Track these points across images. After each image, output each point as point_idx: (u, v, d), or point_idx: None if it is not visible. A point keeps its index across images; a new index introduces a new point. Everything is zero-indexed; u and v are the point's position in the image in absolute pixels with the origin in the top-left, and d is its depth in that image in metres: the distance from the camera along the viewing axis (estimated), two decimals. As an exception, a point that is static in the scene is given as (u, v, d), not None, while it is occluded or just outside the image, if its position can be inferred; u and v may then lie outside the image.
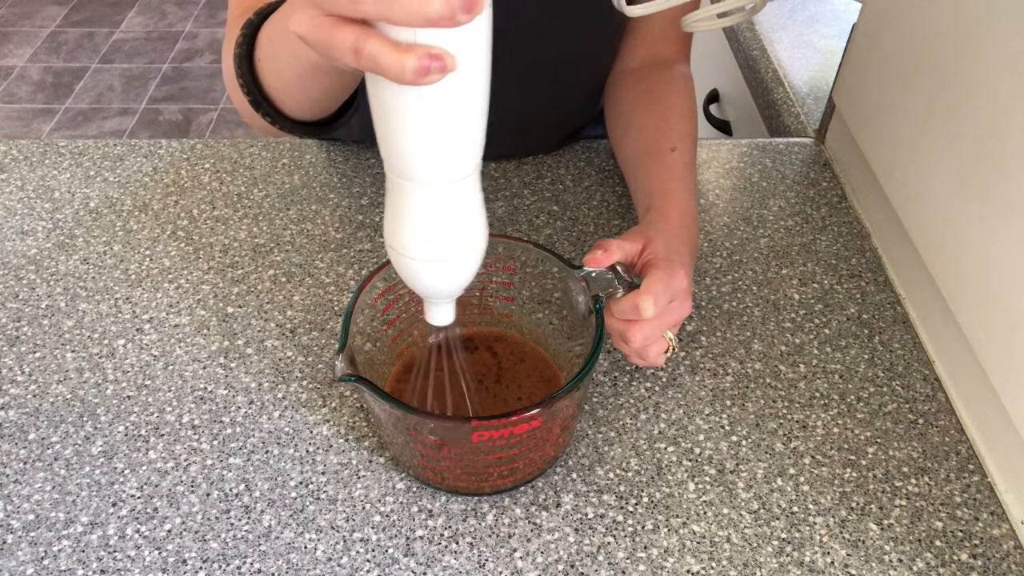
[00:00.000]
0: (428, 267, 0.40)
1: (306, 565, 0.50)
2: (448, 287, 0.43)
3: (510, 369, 0.58)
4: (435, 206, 0.38)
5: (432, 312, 0.45)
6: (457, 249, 0.40)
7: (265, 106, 0.53)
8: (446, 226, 0.39)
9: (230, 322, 0.64)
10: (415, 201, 0.38)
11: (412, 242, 0.39)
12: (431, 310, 0.45)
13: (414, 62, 0.31)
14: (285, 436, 0.56)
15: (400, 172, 0.37)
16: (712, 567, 0.50)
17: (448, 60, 0.31)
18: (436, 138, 0.35)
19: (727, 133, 1.15)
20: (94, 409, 0.58)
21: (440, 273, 0.41)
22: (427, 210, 0.38)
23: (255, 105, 0.53)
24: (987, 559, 0.51)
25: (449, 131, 0.35)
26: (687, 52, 0.75)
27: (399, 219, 0.39)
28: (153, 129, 2.38)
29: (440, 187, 0.37)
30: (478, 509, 0.53)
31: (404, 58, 0.31)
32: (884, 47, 0.70)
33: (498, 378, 0.58)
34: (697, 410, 0.58)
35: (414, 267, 0.41)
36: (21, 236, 0.71)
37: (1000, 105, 0.53)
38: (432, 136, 0.35)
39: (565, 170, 0.79)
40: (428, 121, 0.34)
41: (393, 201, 0.39)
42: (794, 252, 0.71)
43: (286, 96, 0.53)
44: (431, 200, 0.38)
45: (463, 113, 0.35)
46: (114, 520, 0.51)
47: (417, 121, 0.34)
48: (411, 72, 0.31)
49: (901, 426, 0.58)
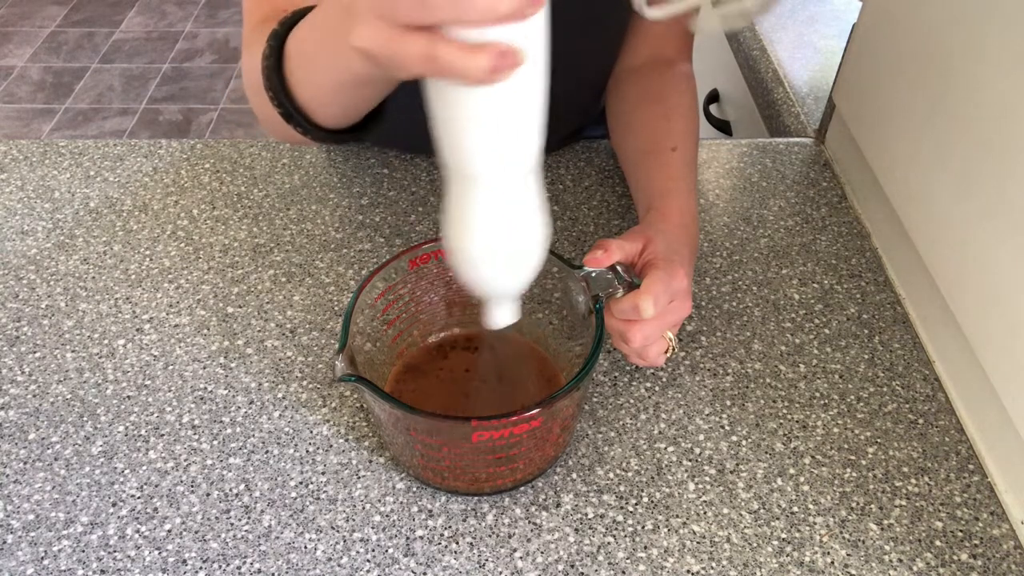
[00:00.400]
0: (495, 266, 0.40)
1: (306, 565, 0.50)
2: (514, 285, 0.42)
3: (510, 369, 0.58)
4: (501, 202, 0.38)
5: (494, 313, 0.44)
6: (523, 245, 0.40)
7: (297, 117, 0.52)
8: (512, 222, 0.39)
9: (230, 322, 0.64)
10: (481, 199, 0.38)
11: (479, 240, 0.39)
12: (494, 311, 0.44)
13: (487, 61, 0.31)
14: (285, 436, 0.56)
15: (464, 171, 0.37)
16: (712, 567, 0.50)
17: (517, 55, 0.31)
18: (504, 132, 0.35)
19: (727, 133, 1.15)
20: (94, 409, 0.58)
21: (506, 271, 0.41)
22: (493, 207, 0.38)
23: (287, 117, 0.51)
24: (987, 559, 0.51)
25: (517, 124, 0.35)
26: (689, 51, 0.75)
27: (464, 219, 0.38)
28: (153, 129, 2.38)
29: (506, 182, 0.37)
30: (478, 509, 0.53)
31: (477, 59, 0.31)
32: (884, 47, 0.70)
33: (498, 378, 0.58)
34: (697, 410, 0.58)
35: (480, 267, 0.40)
36: (21, 236, 0.71)
37: (1000, 105, 0.53)
38: (500, 131, 0.35)
39: (565, 170, 0.79)
40: (497, 116, 0.34)
41: (456, 201, 0.38)
42: (794, 252, 0.71)
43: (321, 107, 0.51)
44: (497, 196, 0.38)
45: (529, 104, 0.35)
46: (114, 520, 0.51)
47: (486, 118, 0.34)
48: (485, 72, 0.31)
49: (901, 426, 0.58)
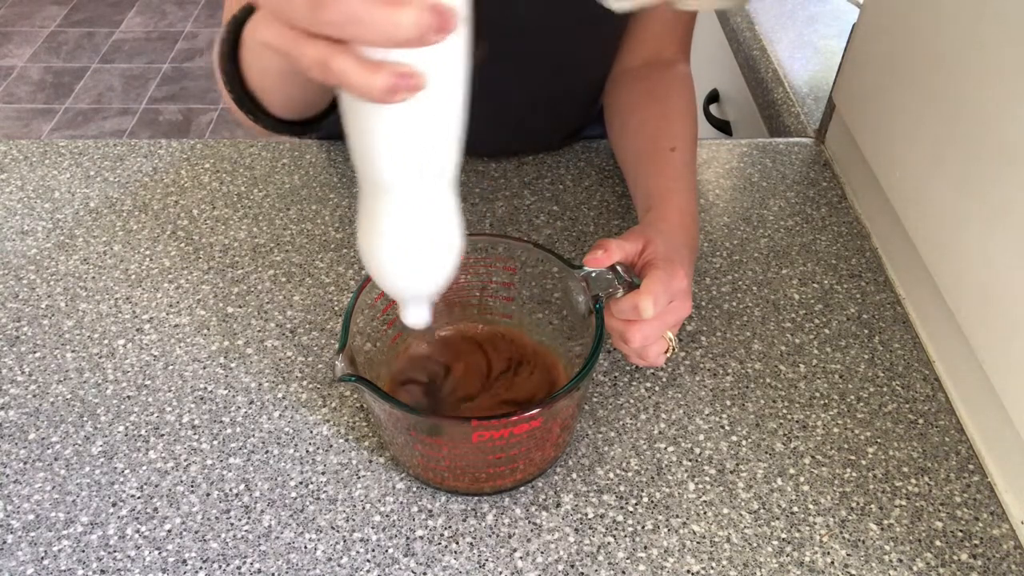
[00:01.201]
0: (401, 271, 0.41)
1: (306, 565, 0.50)
2: (422, 289, 0.42)
3: (510, 369, 0.58)
4: (408, 210, 0.38)
5: (407, 314, 0.45)
6: (431, 253, 0.40)
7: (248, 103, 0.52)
8: (420, 230, 0.39)
9: (230, 322, 0.64)
10: (388, 206, 0.38)
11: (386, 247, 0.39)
12: (406, 311, 0.45)
13: (383, 81, 0.30)
14: (285, 436, 0.56)
15: (371, 178, 0.37)
16: (712, 567, 0.50)
17: (418, 79, 0.30)
18: (410, 146, 0.35)
19: (727, 133, 1.15)
20: (94, 409, 0.58)
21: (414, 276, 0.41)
22: (400, 215, 0.38)
23: (238, 102, 0.52)
24: (987, 559, 0.51)
25: (423, 139, 0.35)
26: (687, 52, 0.75)
27: (372, 225, 0.39)
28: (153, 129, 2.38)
29: (413, 192, 0.37)
30: (478, 509, 0.53)
31: (373, 77, 0.30)
32: (884, 47, 0.70)
33: (498, 378, 0.58)
34: (697, 410, 0.58)
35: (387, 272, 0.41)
36: (21, 236, 0.71)
37: (1000, 105, 0.53)
38: (405, 145, 0.35)
39: (565, 170, 0.79)
40: (401, 132, 0.34)
41: (365, 206, 0.39)
42: (794, 252, 0.71)
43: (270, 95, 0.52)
44: (403, 205, 0.38)
45: (437, 122, 0.35)
46: (114, 520, 0.51)
47: (390, 132, 0.34)
48: (380, 91, 0.30)
49: (901, 426, 0.58)
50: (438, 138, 0.35)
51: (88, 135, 2.35)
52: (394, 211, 0.38)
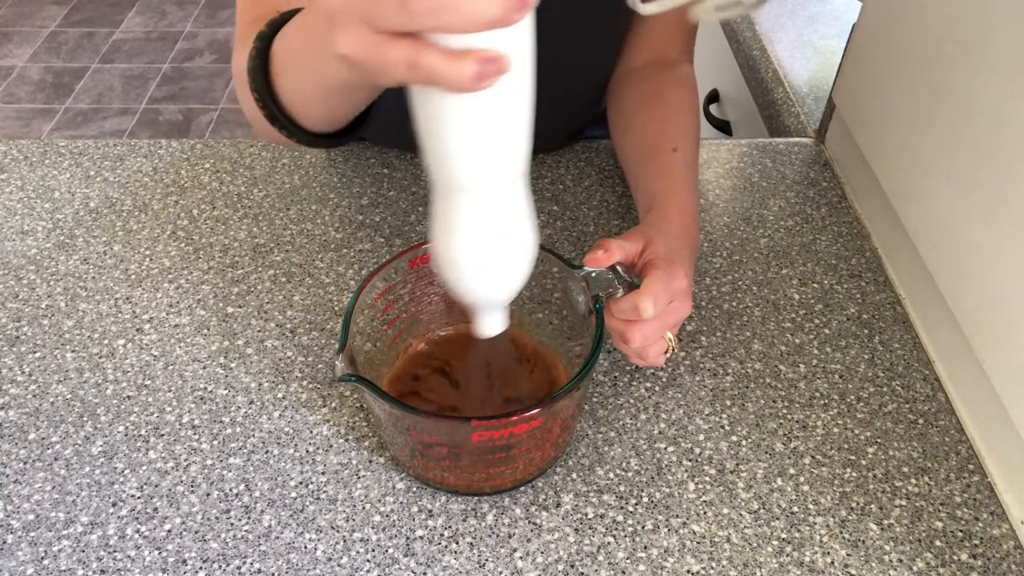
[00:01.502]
0: (482, 275, 0.40)
1: (306, 565, 0.50)
2: (502, 294, 0.41)
3: (510, 369, 0.58)
4: (488, 211, 0.37)
5: (483, 322, 0.44)
6: (511, 254, 0.39)
7: (282, 119, 0.51)
8: (499, 231, 0.38)
9: (230, 322, 0.64)
10: (467, 208, 0.37)
11: (465, 250, 0.38)
12: (483, 319, 0.44)
13: (472, 68, 0.30)
14: (285, 436, 0.56)
15: (450, 180, 0.36)
16: (712, 567, 0.50)
17: (502, 61, 0.31)
18: (490, 141, 0.34)
19: (727, 133, 1.15)
20: (94, 409, 0.58)
21: (494, 280, 0.40)
22: (480, 216, 0.37)
23: (271, 119, 0.51)
24: (987, 559, 0.51)
25: (503, 132, 0.34)
26: (690, 52, 0.75)
27: (451, 228, 0.38)
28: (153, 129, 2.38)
29: (493, 191, 0.37)
30: (478, 509, 0.53)
31: (462, 66, 0.30)
32: (884, 47, 0.70)
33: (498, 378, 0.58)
34: (697, 410, 0.58)
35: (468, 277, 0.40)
36: (21, 236, 0.71)
37: (1000, 105, 0.53)
38: (486, 140, 0.34)
39: (565, 170, 0.79)
40: (483, 125, 0.34)
41: (443, 210, 0.38)
42: (794, 252, 0.71)
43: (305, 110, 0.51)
44: (484, 205, 0.37)
45: (516, 112, 0.34)
46: (114, 520, 0.51)
47: (472, 127, 0.34)
48: (470, 79, 0.30)
49: (901, 426, 0.58)
50: (515, 129, 0.35)
51: (88, 135, 2.35)
52: (473, 214, 0.37)
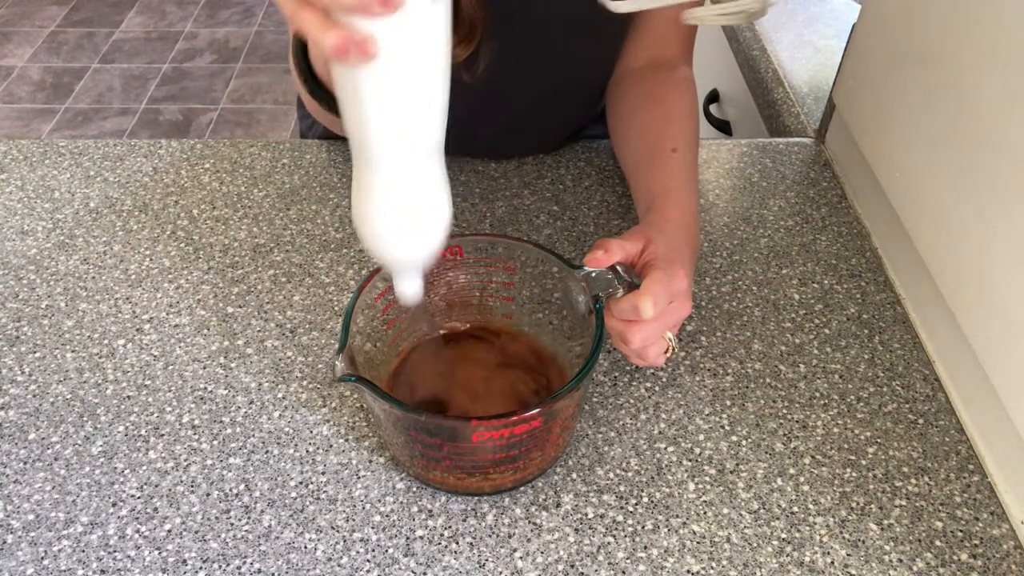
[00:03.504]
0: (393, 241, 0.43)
1: (306, 565, 0.50)
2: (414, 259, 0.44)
3: (510, 369, 0.58)
4: (397, 181, 0.40)
5: (400, 287, 0.46)
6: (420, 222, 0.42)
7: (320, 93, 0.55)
8: (409, 200, 0.41)
9: (230, 322, 0.64)
10: (377, 177, 0.40)
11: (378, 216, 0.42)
12: (400, 284, 0.46)
13: (333, 39, 0.32)
14: (285, 436, 0.56)
15: (362, 150, 0.40)
16: (712, 567, 0.50)
17: (368, 46, 0.32)
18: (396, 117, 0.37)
19: (727, 133, 1.15)
20: (94, 409, 0.58)
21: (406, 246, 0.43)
22: (390, 185, 0.40)
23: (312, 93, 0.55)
24: (987, 559, 0.51)
25: (409, 109, 0.37)
26: (689, 54, 0.75)
27: (364, 196, 0.41)
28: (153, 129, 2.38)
29: (401, 163, 0.39)
30: (478, 509, 0.53)
31: (325, 33, 0.32)
32: (884, 47, 0.70)
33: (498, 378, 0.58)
34: (697, 410, 0.58)
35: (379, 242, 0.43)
36: (21, 236, 0.71)
37: (999, 105, 0.53)
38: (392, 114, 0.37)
39: (565, 170, 0.79)
40: (388, 101, 0.36)
41: (358, 179, 0.41)
42: (794, 252, 0.71)
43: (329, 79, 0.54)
44: (392, 175, 0.40)
45: (420, 92, 0.37)
46: (114, 520, 0.51)
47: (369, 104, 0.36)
48: (330, 48, 0.32)
49: (901, 426, 0.58)
50: (420, 107, 0.37)
51: (88, 135, 2.35)
52: (383, 182, 0.40)
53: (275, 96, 2.51)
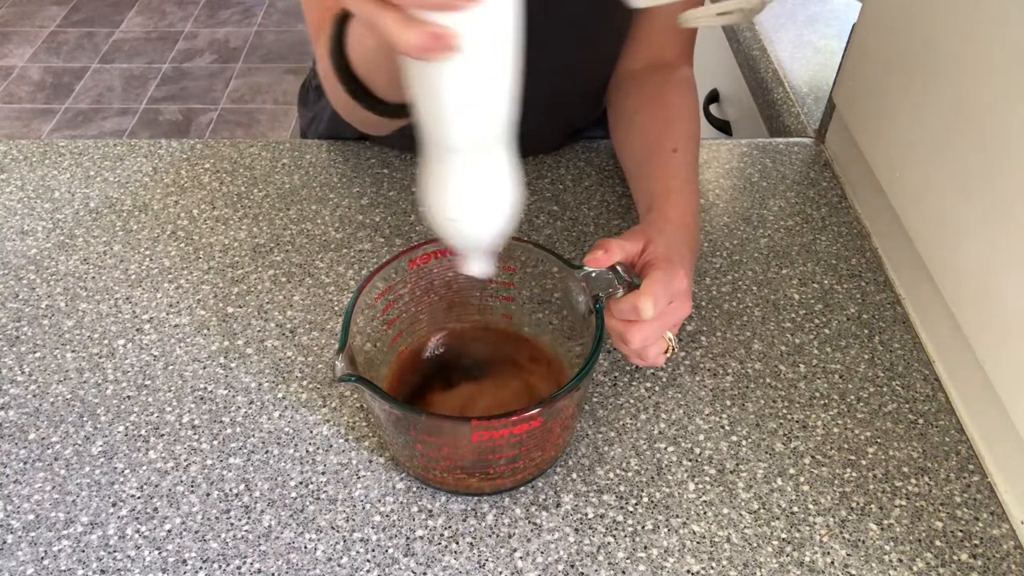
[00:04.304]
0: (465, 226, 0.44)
1: (306, 565, 0.50)
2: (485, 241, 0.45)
3: (510, 369, 0.58)
4: (469, 169, 0.41)
5: (471, 264, 0.48)
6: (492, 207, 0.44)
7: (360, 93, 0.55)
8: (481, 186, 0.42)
9: (230, 322, 0.64)
10: (450, 166, 0.41)
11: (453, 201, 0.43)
12: (471, 263, 0.48)
13: (416, 38, 0.33)
14: (285, 436, 0.56)
15: (435, 139, 0.40)
16: (712, 567, 0.50)
17: (449, 41, 0.33)
18: (471, 107, 0.38)
19: (727, 133, 1.15)
20: (94, 409, 0.58)
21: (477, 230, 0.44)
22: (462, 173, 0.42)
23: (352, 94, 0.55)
24: (987, 559, 0.51)
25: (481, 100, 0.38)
26: (690, 54, 0.75)
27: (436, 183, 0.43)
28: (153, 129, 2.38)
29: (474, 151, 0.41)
30: (478, 509, 0.53)
31: (406, 32, 0.33)
32: (884, 47, 0.70)
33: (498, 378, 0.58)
34: (697, 410, 0.58)
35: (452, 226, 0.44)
36: (21, 236, 0.71)
37: (1000, 105, 0.53)
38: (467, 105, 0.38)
39: (565, 170, 0.79)
40: (463, 92, 0.37)
41: (431, 167, 0.42)
42: (794, 252, 0.71)
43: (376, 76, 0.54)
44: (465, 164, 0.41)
45: (493, 84, 0.37)
46: (114, 520, 0.51)
47: (446, 96, 0.37)
48: (412, 47, 0.33)
49: (901, 426, 0.58)
50: (492, 99, 0.38)
51: (88, 135, 2.35)
52: (462, 170, 0.41)
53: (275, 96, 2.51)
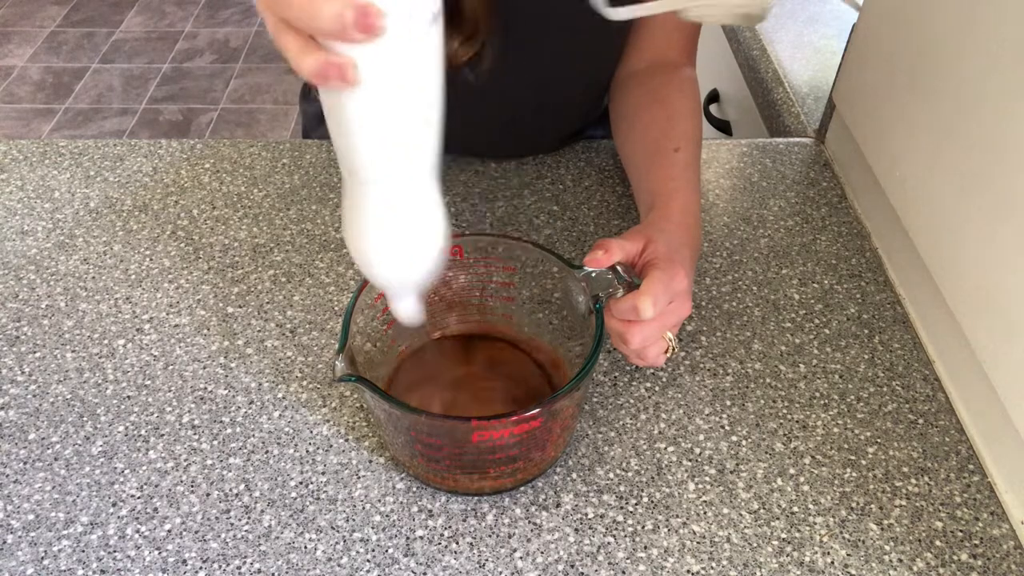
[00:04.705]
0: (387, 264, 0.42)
1: (306, 565, 0.50)
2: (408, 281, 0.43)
3: (510, 369, 0.58)
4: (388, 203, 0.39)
5: (396, 307, 0.46)
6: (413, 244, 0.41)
7: None
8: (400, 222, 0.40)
9: (230, 322, 0.64)
10: (368, 200, 0.39)
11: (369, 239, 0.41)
12: (395, 305, 0.46)
13: (311, 64, 0.32)
14: (285, 436, 0.56)
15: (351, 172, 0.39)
16: (712, 567, 0.50)
17: (348, 72, 0.32)
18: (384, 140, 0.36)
19: (727, 133, 1.15)
20: (94, 409, 0.58)
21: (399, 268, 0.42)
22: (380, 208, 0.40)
23: None
24: (987, 559, 0.51)
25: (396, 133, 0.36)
26: (692, 54, 0.75)
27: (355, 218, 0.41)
28: (153, 129, 2.38)
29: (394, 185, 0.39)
30: (478, 509, 0.53)
31: (304, 59, 0.32)
32: (884, 47, 0.70)
33: (498, 378, 0.58)
34: (697, 410, 0.58)
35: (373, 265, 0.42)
36: (21, 236, 0.71)
37: (1000, 104, 0.53)
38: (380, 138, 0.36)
39: (565, 170, 0.79)
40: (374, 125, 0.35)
41: (349, 201, 0.41)
42: (794, 252, 0.71)
43: None
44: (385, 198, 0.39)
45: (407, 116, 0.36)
46: (114, 520, 0.51)
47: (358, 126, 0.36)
48: (308, 73, 0.32)
49: (901, 426, 0.58)
50: (408, 131, 0.37)
51: (88, 135, 2.35)
52: (373, 204, 0.39)
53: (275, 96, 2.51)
